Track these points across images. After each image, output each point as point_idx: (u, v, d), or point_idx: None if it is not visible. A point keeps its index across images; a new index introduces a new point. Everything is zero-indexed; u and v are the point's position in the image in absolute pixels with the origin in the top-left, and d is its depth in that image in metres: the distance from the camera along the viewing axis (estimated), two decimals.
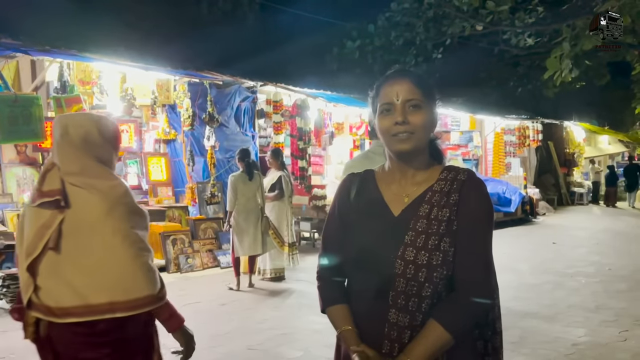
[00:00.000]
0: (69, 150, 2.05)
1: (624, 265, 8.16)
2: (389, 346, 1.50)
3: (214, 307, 6.06)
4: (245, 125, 9.87)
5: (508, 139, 15.88)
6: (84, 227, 1.98)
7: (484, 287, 1.53)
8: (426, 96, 1.58)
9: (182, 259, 7.88)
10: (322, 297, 1.69)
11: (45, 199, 1.98)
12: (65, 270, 1.96)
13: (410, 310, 1.48)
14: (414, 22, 11.72)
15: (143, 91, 8.28)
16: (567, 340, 4.83)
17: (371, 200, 1.64)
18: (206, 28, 10.24)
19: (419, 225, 1.52)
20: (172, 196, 9.47)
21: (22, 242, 2.02)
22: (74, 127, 2.06)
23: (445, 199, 1.54)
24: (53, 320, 1.94)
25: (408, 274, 1.48)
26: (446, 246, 1.50)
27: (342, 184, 1.76)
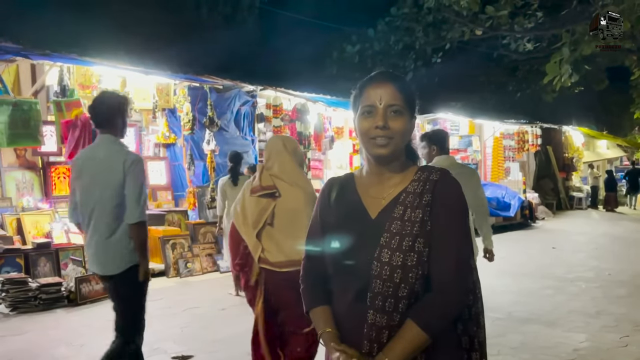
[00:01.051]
0: (286, 159, 3.14)
1: (623, 270, 8.15)
2: (368, 346, 1.53)
3: (214, 311, 6.04)
4: (245, 130, 9.88)
5: (507, 144, 15.90)
6: (289, 211, 3.03)
7: (460, 285, 1.55)
8: (407, 102, 1.60)
9: (182, 263, 7.86)
10: (305, 299, 1.74)
11: (265, 191, 3.05)
12: (277, 238, 3.06)
13: (388, 310, 1.51)
14: (413, 26, 11.75)
15: (143, 95, 8.28)
16: (568, 346, 4.82)
17: (350, 204, 1.67)
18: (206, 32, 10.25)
19: (393, 227, 1.54)
20: (171, 200, 9.44)
21: (245, 221, 3.12)
22: (288, 142, 3.27)
23: (418, 200, 1.56)
24: (273, 269, 3.05)
25: (384, 275, 1.51)
26: (420, 247, 1.51)
27: (323, 188, 1.79)
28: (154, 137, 9.61)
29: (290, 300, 2.94)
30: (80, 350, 4.71)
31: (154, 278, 7.58)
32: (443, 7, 11.07)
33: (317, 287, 1.72)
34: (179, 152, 9.62)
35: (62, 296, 6.07)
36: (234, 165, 6.86)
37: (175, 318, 5.73)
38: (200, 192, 9.09)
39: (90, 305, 6.15)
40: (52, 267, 6.55)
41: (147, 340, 4.92)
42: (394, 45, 11.88)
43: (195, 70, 8.49)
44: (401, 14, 11.67)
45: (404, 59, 12.09)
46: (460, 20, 11.33)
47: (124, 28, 8.36)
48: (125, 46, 7.73)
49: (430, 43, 12.00)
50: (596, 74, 14.85)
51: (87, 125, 6.54)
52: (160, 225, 8.35)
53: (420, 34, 11.83)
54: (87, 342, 4.89)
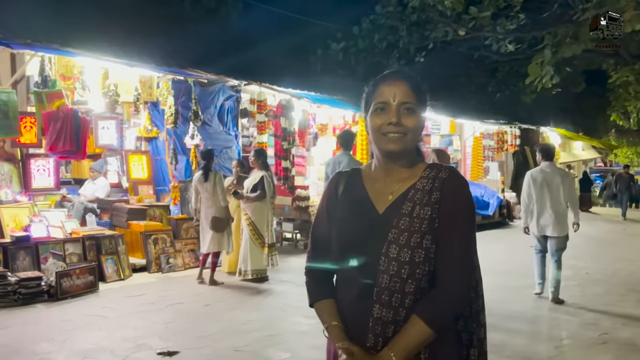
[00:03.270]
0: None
1: (600, 269, 8.33)
2: (373, 340, 1.54)
3: (198, 307, 5.99)
4: (229, 125, 9.79)
5: (487, 144, 16.10)
6: None
7: (464, 282, 1.58)
8: (420, 101, 1.62)
9: (164, 258, 7.78)
10: (310, 293, 1.74)
11: None
12: None
13: (394, 305, 1.52)
14: (397, 25, 11.80)
15: (125, 88, 8.16)
16: (549, 343, 4.91)
17: (357, 198, 1.68)
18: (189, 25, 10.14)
19: (401, 223, 1.56)
20: (153, 195, 9.34)
21: None
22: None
23: (427, 197, 1.57)
24: None
25: (391, 271, 1.52)
26: (428, 243, 1.53)
27: (330, 182, 1.80)
28: (136, 131, 9.50)
29: None
30: (62, 345, 4.63)
31: (136, 273, 7.52)
32: (427, 7, 11.14)
33: (322, 280, 1.74)
34: (161, 146, 9.52)
35: (42, 291, 5.96)
36: (206, 162, 7.14)
37: (159, 314, 5.67)
38: (183, 187, 9.00)
39: (71, 300, 6.05)
40: (31, 261, 6.42)
41: (131, 335, 4.91)
42: (378, 43, 11.92)
43: (179, 63, 8.39)
44: (385, 13, 11.71)
45: (388, 58, 12.13)
46: (444, 20, 11.41)
47: (107, 19, 8.21)
48: (108, 37, 7.58)
49: (413, 42, 12.06)
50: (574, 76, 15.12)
51: (70, 117, 6.43)
52: (142, 220, 8.24)
53: (404, 33, 11.89)
54: (69, 338, 4.81)
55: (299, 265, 8.56)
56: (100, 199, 8.63)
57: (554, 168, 6.63)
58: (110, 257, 7.13)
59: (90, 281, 6.40)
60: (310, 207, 9.82)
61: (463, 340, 1.70)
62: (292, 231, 10.22)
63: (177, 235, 8.29)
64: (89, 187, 8.73)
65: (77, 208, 8.07)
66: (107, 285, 6.79)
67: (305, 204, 9.83)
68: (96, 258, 6.97)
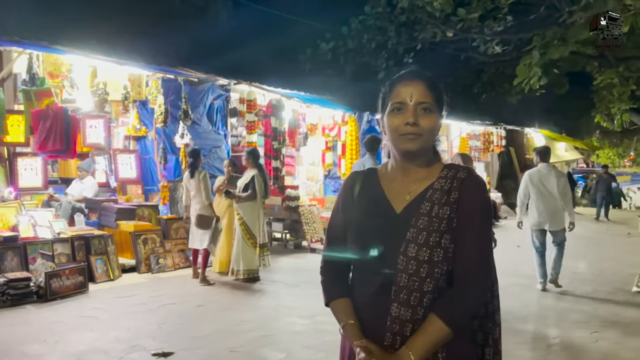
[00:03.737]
0: None
1: (587, 268, 8.45)
2: (390, 339, 1.54)
3: (191, 308, 5.94)
4: (218, 124, 9.76)
5: (473, 144, 16.24)
6: None
7: (482, 282, 1.59)
8: (437, 101, 1.63)
9: (153, 259, 7.70)
10: (326, 291, 1.74)
11: None
12: None
13: (412, 304, 1.52)
14: (386, 26, 11.80)
15: (114, 86, 8.06)
16: (541, 341, 4.97)
17: (374, 198, 1.69)
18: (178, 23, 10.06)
19: (420, 223, 1.56)
20: (141, 194, 9.26)
21: None
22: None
23: (445, 197, 1.58)
24: None
25: (410, 270, 1.53)
26: (447, 243, 1.54)
27: (346, 181, 1.81)
28: (124, 130, 9.40)
29: None
30: (54, 347, 4.56)
31: (125, 274, 7.45)
32: (416, 8, 11.18)
33: (338, 279, 1.74)
34: (150, 145, 9.44)
35: (31, 292, 5.87)
36: (193, 160, 7.21)
37: (151, 314, 5.61)
38: (173, 187, 8.94)
39: (61, 301, 5.97)
40: (19, 262, 6.31)
41: (124, 336, 4.86)
42: (367, 43, 11.89)
43: (169, 62, 8.32)
44: (374, 13, 11.70)
45: (376, 58, 12.12)
46: (433, 22, 11.46)
47: (97, 16, 8.11)
48: (97, 35, 7.50)
49: (402, 43, 12.08)
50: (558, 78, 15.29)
51: (59, 116, 6.34)
52: (131, 219, 8.16)
53: (393, 34, 11.89)
54: (61, 339, 4.74)
55: (289, 266, 8.56)
56: (88, 198, 8.52)
57: (550, 169, 7.13)
58: (100, 257, 7.04)
59: (80, 282, 6.32)
60: (300, 207, 9.81)
61: (478, 340, 1.71)
62: (281, 231, 10.20)
63: (167, 236, 8.22)
64: (76, 187, 8.62)
65: (64, 208, 7.95)
66: (97, 286, 6.71)
67: (295, 203, 9.82)
68: (85, 258, 6.88)
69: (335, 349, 4.99)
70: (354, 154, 10.93)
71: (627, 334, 5.18)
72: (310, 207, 10.03)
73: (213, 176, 9.05)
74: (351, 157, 10.90)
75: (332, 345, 4.78)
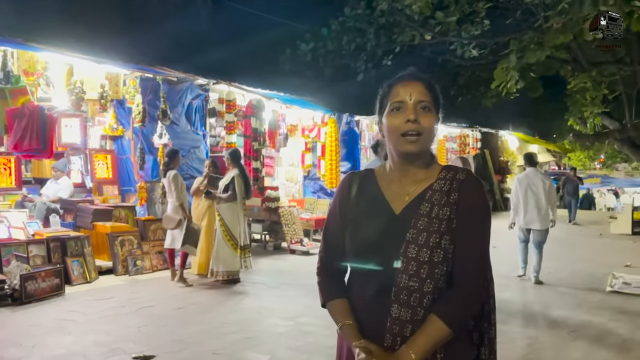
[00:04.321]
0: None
1: (562, 268, 8.61)
2: (391, 340, 1.55)
3: (170, 310, 5.86)
4: (196, 124, 9.65)
5: (450, 146, 16.42)
6: None
7: (481, 282, 1.61)
8: (435, 101, 1.64)
9: (131, 261, 7.58)
10: (322, 292, 1.74)
11: None
12: None
13: (412, 305, 1.53)
14: (365, 28, 11.85)
15: (91, 85, 7.91)
16: (522, 341, 5.04)
17: (372, 199, 1.69)
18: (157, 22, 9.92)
19: (420, 224, 1.57)
20: (118, 195, 9.11)
21: None
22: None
23: (445, 198, 1.59)
24: None
25: (410, 271, 1.53)
26: (446, 243, 1.55)
27: (342, 182, 1.80)
28: (101, 129, 9.24)
29: None
30: (32, 351, 4.45)
31: (102, 276, 7.32)
32: (395, 11, 11.26)
33: (334, 280, 1.74)
34: (127, 145, 9.29)
35: (5, 294, 5.72)
36: (168, 161, 7.17)
37: (130, 317, 5.52)
38: (150, 188, 8.81)
39: (36, 304, 5.83)
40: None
41: (103, 340, 4.77)
42: (346, 45, 11.92)
43: (147, 61, 8.20)
44: (354, 15, 11.74)
45: (356, 60, 12.16)
46: (411, 25, 11.54)
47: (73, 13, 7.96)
48: (74, 32, 7.34)
49: (381, 45, 12.14)
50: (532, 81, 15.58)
51: (36, 114, 6.19)
52: (108, 221, 8.02)
53: (372, 36, 11.95)
54: (38, 343, 4.63)
55: (269, 267, 8.51)
56: (64, 199, 8.35)
57: (536, 173, 7.74)
58: (76, 259, 6.90)
59: (56, 284, 6.18)
60: (280, 208, 9.77)
61: (474, 340, 1.72)
62: (261, 232, 10.15)
63: (145, 237, 8.11)
64: (51, 187, 8.43)
65: (39, 208, 7.78)
66: (73, 288, 6.57)
67: (275, 205, 9.78)
68: (61, 260, 6.74)
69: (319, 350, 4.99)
70: (334, 155, 10.94)
71: (604, 332, 5.30)
72: (290, 208, 10.00)
73: (192, 177, 8.97)
74: (330, 158, 10.91)
75: (315, 346, 4.78)
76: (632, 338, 5.11)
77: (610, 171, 28.47)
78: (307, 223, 10.23)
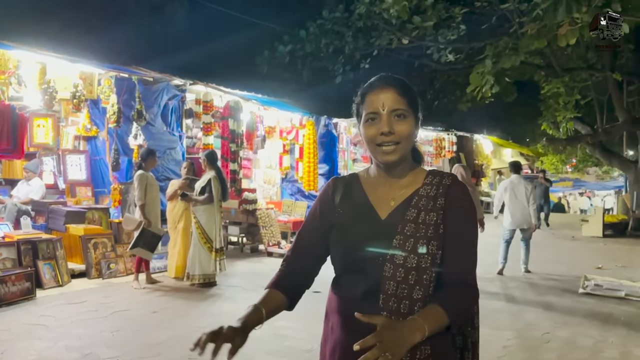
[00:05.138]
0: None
1: (534, 271, 8.74)
2: None
3: (145, 314, 5.77)
4: (173, 125, 9.56)
5: (426, 149, 16.56)
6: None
7: (474, 284, 1.59)
8: (411, 105, 1.60)
9: (104, 264, 7.44)
10: (273, 278, 1.70)
11: None
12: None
13: (403, 312, 1.51)
14: (344, 31, 11.90)
15: (64, 84, 7.75)
16: (497, 343, 5.09)
17: (357, 204, 1.66)
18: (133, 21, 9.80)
19: (407, 229, 1.55)
20: (91, 197, 8.94)
21: None
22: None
23: (432, 203, 1.58)
24: None
25: (398, 277, 1.51)
26: (434, 249, 1.53)
27: (326, 187, 1.77)
28: (74, 129, 9.05)
29: None
30: (1, 357, 4.33)
31: (75, 279, 7.17)
32: (373, 14, 11.31)
33: (284, 275, 1.70)
34: (101, 145, 9.13)
35: None
36: (140, 161, 7.09)
37: (103, 322, 5.42)
38: (125, 189, 8.67)
39: (6, 308, 5.68)
40: None
41: (76, 345, 4.67)
42: (324, 48, 11.96)
43: (122, 60, 8.08)
44: (332, 18, 11.79)
45: (334, 63, 12.20)
46: (389, 28, 11.62)
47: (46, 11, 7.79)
48: (46, 31, 7.19)
49: (359, 48, 12.20)
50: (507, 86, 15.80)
51: (6, 114, 6.03)
52: (81, 223, 7.87)
53: (350, 39, 12.00)
54: (8, 349, 4.51)
55: (246, 270, 8.45)
56: (35, 200, 8.16)
57: (520, 180, 8.56)
58: (48, 262, 6.74)
59: (27, 288, 6.03)
60: (257, 211, 9.72)
61: (457, 344, 1.71)
62: (238, 235, 10.07)
63: (119, 240, 7.97)
64: (22, 188, 8.23)
65: (9, 210, 7.59)
66: (45, 292, 6.43)
67: (252, 207, 9.71)
68: (32, 263, 6.57)
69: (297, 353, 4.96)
70: (312, 157, 10.93)
71: (577, 334, 5.39)
72: (267, 210, 9.95)
73: (167, 178, 8.86)
74: (308, 161, 10.90)
75: (292, 350, 4.76)
76: (605, 340, 5.21)
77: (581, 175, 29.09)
78: (285, 225, 10.19)
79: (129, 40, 8.85)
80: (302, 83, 12.18)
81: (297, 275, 1.71)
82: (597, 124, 15.64)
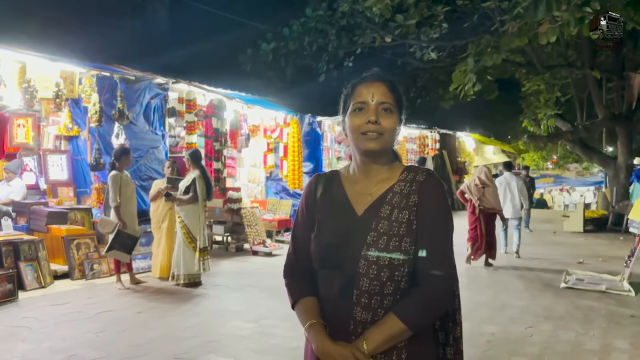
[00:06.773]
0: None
1: (517, 265, 8.85)
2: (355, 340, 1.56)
3: (130, 315, 5.73)
4: (155, 124, 9.47)
5: (410, 147, 16.65)
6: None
7: (446, 282, 1.61)
8: (397, 102, 1.65)
9: (87, 264, 7.37)
10: (291, 293, 1.74)
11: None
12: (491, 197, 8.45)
13: (373, 307, 1.55)
14: (327, 29, 11.93)
15: (45, 83, 7.63)
16: (481, 337, 5.15)
17: (336, 199, 1.69)
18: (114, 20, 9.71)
19: (380, 227, 1.58)
20: (73, 197, 8.83)
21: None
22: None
23: (405, 200, 1.60)
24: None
25: (371, 274, 1.54)
26: (407, 246, 1.56)
27: (309, 184, 1.80)
28: (55, 129, 8.93)
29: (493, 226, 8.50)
30: None
31: (57, 280, 7.08)
32: (356, 13, 11.36)
33: (302, 280, 1.74)
34: (82, 145, 9.01)
35: None
36: (113, 160, 6.97)
37: (88, 323, 5.36)
38: (106, 189, 8.55)
39: None
40: None
41: (60, 346, 4.62)
42: (308, 46, 11.99)
43: (104, 59, 7.99)
44: (316, 16, 11.81)
45: (317, 61, 12.23)
46: (372, 27, 11.68)
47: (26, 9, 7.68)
48: (26, 29, 7.10)
49: (342, 47, 12.25)
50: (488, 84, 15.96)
51: None
52: (63, 223, 7.77)
53: (334, 37, 12.05)
54: None
55: (231, 269, 8.43)
56: (16, 201, 8.04)
57: (512, 176, 10.00)
58: (30, 263, 6.66)
59: (8, 290, 5.95)
60: (242, 210, 9.69)
61: (440, 339, 1.73)
62: (223, 234, 10.03)
63: (102, 240, 7.87)
64: (3, 189, 8.11)
65: None
66: (27, 294, 6.34)
67: (237, 206, 9.68)
68: (14, 265, 6.48)
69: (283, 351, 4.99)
70: (296, 155, 10.93)
71: (559, 327, 5.48)
72: (252, 209, 9.93)
73: (151, 178, 8.79)
74: (293, 159, 10.89)
75: (278, 348, 4.76)
76: (586, 333, 5.30)
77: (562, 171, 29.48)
78: (270, 224, 10.17)
79: (110, 38, 8.77)
80: (286, 81, 12.18)
81: (309, 276, 1.73)
82: (577, 121, 15.87)
